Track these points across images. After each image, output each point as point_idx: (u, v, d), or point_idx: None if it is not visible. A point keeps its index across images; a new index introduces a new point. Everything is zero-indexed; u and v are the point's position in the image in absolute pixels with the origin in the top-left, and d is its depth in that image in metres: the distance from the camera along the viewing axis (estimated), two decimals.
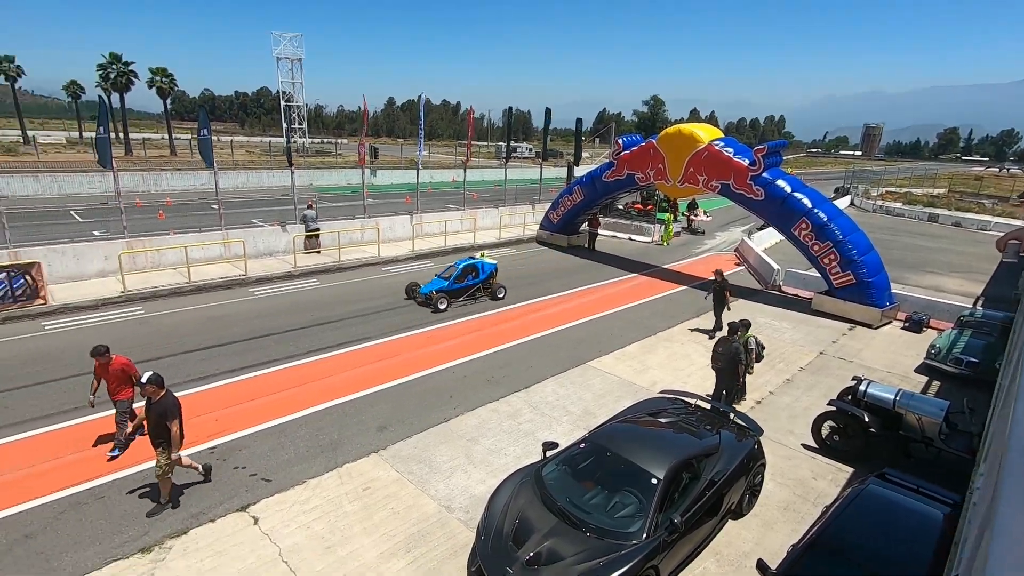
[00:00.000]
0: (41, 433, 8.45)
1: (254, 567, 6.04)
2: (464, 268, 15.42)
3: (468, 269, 15.50)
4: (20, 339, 11.95)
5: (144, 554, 6.14)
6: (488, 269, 15.87)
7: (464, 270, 15.40)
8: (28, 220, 21.96)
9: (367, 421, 9.19)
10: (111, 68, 52.03)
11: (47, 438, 8.35)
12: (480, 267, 15.72)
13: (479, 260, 15.91)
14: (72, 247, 15.62)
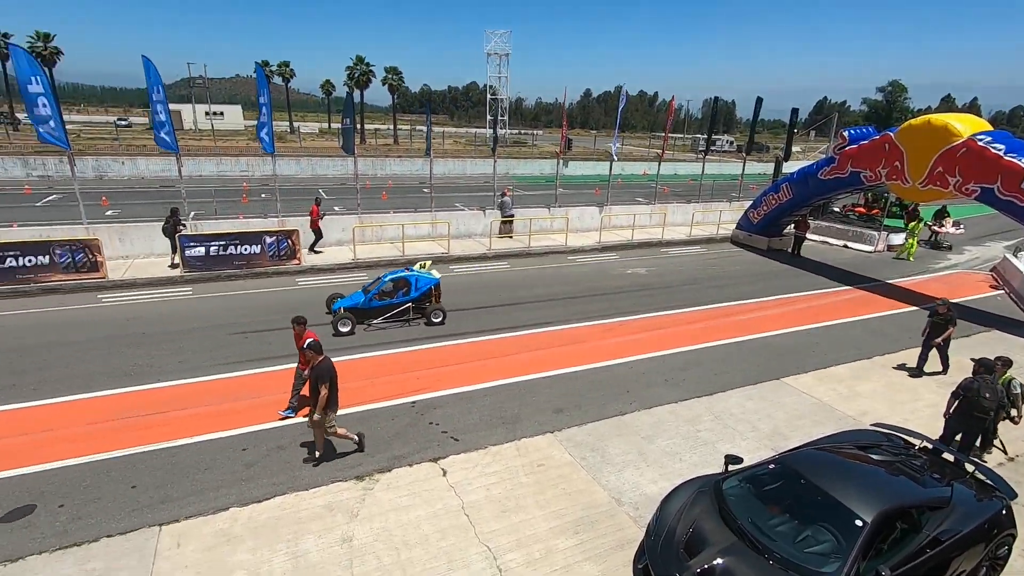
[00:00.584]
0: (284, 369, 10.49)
1: (440, 512, 6.77)
2: (393, 282, 12.54)
3: (399, 283, 12.56)
4: (276, 290, 14.88)
5: (358, 481, 7.28)
6: (425, 285, 12.65)
7: (393, 284, 12.55)
8: (290, 196, 27.08)
9: (544, 402, 9.60)
10: (356, 68, 61.00)
11: None
12: (413, 282, 12.58)
13: (415, 273, 12.77)
14: (294, 220, 18.87)
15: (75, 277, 14.18)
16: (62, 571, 5.72)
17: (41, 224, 16.94)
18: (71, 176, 16.53)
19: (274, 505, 6.80)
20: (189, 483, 7.18)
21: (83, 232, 15.19)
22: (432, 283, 12.79)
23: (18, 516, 6.50)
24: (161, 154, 34.12)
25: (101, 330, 11.78)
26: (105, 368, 10.12)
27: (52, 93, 14.60)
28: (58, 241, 14.19)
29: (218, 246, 15.41)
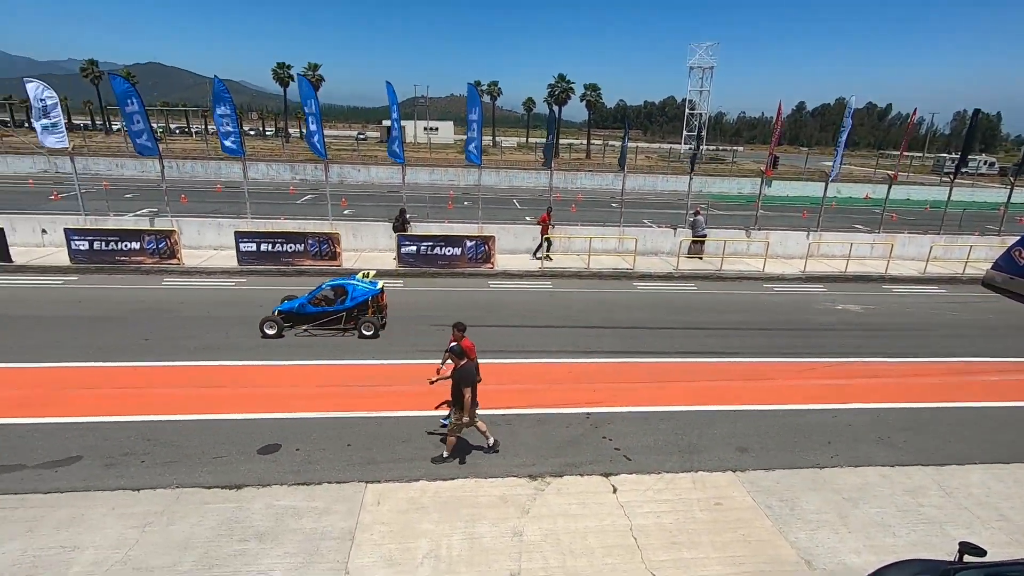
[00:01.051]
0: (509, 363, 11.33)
1: (608, 528, 6.73)
2: (332, 288, 12.40)
3: (337, 291, 12.35)
4: (471, 290, 16.19)
5: (531, 480, 7.60)
6: (361, 295, 12.23)
7: (332, 291, 12.36)
8: (489, 205, 29.31)
9: (727, 437, 8.95)
10: (557, 86, 63.73)
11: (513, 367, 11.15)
12: (350, 290, 12.25)
13: (353, 282, 12.46)
14: (513, 227, 20.14)
15: (320, 263, 17.18)
16: (295, 502, 6.97)
17: (299, 218, 20.85)
18: (324, 180, 20.05)
19: (456, 486, 7.43)
20: (390, 451, 8.20)
21: (328, 227, 18.33)
22: (370, 293, 12.39)
23: (269, 451, 8.10)
24: (389, 164, 39.62)
25: None
26: (331, 342, 12.07)
27: (319, 112, 17.92)
28: (311, 233, 17.34)
29: (427, 246, 17.37)
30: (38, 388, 9.59)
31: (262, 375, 10.44)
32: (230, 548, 6.19)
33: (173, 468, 7.59)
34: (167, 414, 8.88)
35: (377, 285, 12.55)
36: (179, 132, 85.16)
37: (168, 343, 11.59)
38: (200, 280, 16.15)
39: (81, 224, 17.23)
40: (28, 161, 38.29)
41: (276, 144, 66.84)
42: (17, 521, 6.46)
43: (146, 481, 7.29)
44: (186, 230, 18.25)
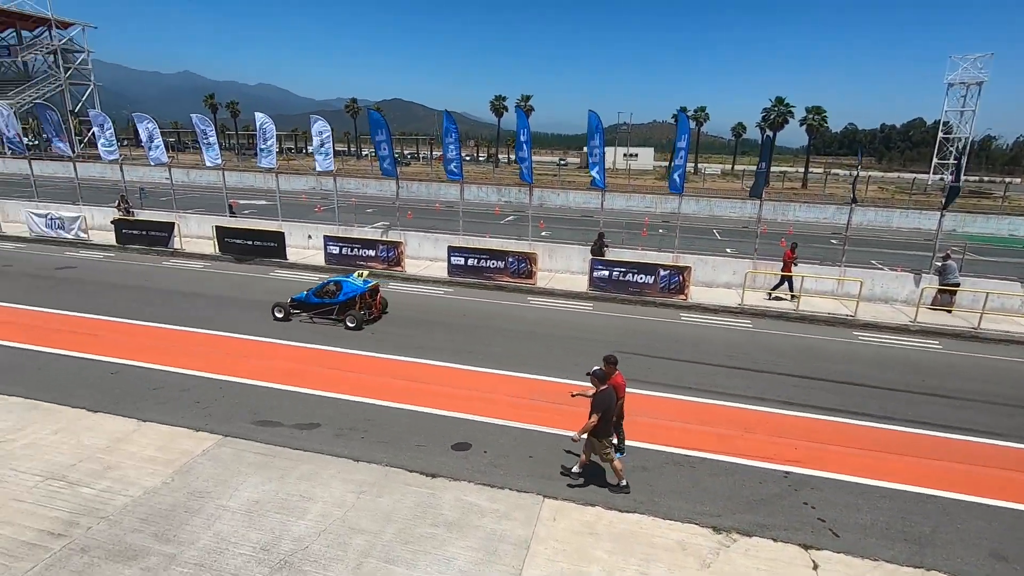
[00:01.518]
0: (698, 402, 10.92)
1: None
2: (334, 284, 14.28)
3: (338, 286, 14.14)
4: (660, 321, 15.69)
5: (715, 532, 7.04)
6: (351, 291, 13.93)
7: (334, 286, 14.21)
8: (686, 233, 28.19)
9: (974, 535, 7.21)
10: (773, 110, 58.95)
11: (701, 407, 10.72)
12: (344, 287, 14.03)
13: (347, 279, 14.31)
14: (712, 259, 19.06)
15: (516, 280, 18.32)
16: (479, 500, 7.49)
17: (501, 237, 22.50)
18: (527, 203, 21.37)
19: (632, 520, 7.23)
20: (594, 469, 8.34)
21: (527, 247, 19.47)
22: (359, 291, 13.99)
23: (461, 448, 8.84)
24: (586, 189, 40.68)
25: (525, 325, 14.86)
26: (521, 354, 12.72)
27: (529, 140, 19.23)
28: (511, 251, 18.61)
29: (619, 272, 17.37)
30: (294, 363, 11.87)
31: (461, 378, 11.46)
32: (423, 529, 6.88)
33: (384, 448, 8.73)
34: (383, 400, 10.27)
35: (367, 285, 14.26)
36: (410, 157, 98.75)
37: (386, 338, 13.41)
38: (416, 287, 18.40)
39: (335, 232, 20.97)
40: (302, 180, 47.93)
41: (487, 169, 73.38)
42: (274, 467, 8.05)
43: (364, 454, 8.50)
44: (410, 242, 20.99)
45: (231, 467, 8.00)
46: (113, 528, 6.71)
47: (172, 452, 8.32)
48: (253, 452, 8.40)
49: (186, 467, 7.97)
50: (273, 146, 21.49)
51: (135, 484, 7.56)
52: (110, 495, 7.32)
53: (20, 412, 9.37)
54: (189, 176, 46.50)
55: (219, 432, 8.91)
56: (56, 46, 68.99)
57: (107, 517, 6.90)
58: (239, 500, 7.29)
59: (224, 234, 21.14)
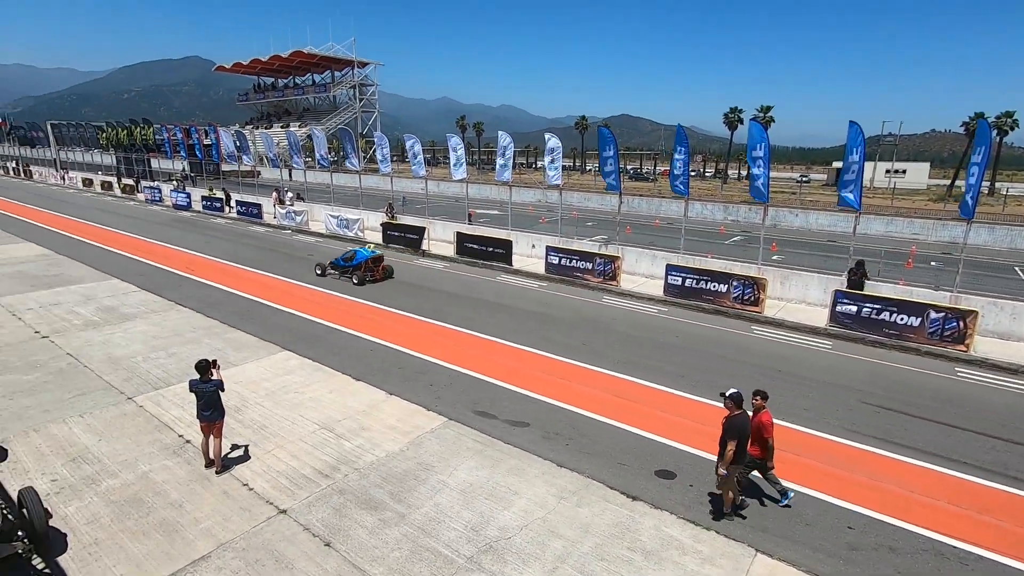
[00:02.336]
0: (953, 474, 8.90)
1: None
2: (351, 252, 20.14)
3: (352, 254, 19.94)
4: (928, 373, 12.83)
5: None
6: (360, 258, 19.60)
7: (351, 254, 19.98)
8: (973, 268, 22.66)
9: None
10: None
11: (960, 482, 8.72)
12: (357, 255, 19.80)
13: (360, 249, 20.20)
14: (1012, 304, 14.96)
15: (740, 307, 16.88)
16: (681, 536, 7.06)
17: (725, 258, 20.98)
18: (760, 223, 19.56)
19: None
20: (788, 527, 7.35)
21: (755, 271, 17.81)
22: (364, 258, 19.51)
23: (665, 476, 8.46)
24: (832, 210, 35.59)
25: (748, 356, 13.59)
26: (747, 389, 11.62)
27: (767, 156, 17.56)
28: (736, 275, 17.22)
29: (872, 309, 14.75)
30: (514, 361, 12.76)
31: (671, 402, 10.99)
32: (619, 550, 6.76)
33: (588, 459, 8.83)
34: (591, 411, 10.39)
35: (372, 254, 19.84)
36: (632, 172, 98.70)
37: (599, 351, 13.55)
38: (630, 302, 18.24)
39: (556, 243, 22.01)
40: (531, 193, 51.46)
41: (713, 185, 69.33)
42: (487, 456, 8.76)
43: (567, 460, 8.71)
44: (627, 257, 20.92)
45: (452, 448, 8.94)
46: (362, 479, 8.05)
47: (408, 425, 9.65)
48: (471, 439, 9.26)
49: (418, 440, 9.15)
50: (510, 161, 23.52)
51: (380, 446, 8.95)
52: (362, 451, 8.80)
53: (309, 371, 11.87)
54: (439, 187, 53.62)
55: (445, 415, 10.04)
56: (356, 82, 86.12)
57: (359, 469, 8.31)
58: (457, 479, 8.10)
59: (462, 239, 23.83)
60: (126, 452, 8.65)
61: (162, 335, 13.83)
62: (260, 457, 8.58)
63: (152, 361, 12.20)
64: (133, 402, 10.32)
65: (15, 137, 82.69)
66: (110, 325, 14.50)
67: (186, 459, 8.48)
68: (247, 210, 34.41)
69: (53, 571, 6.28)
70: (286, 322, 15.23)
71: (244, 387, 10.88)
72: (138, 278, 19.23)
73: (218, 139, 37.36)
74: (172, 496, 7.60)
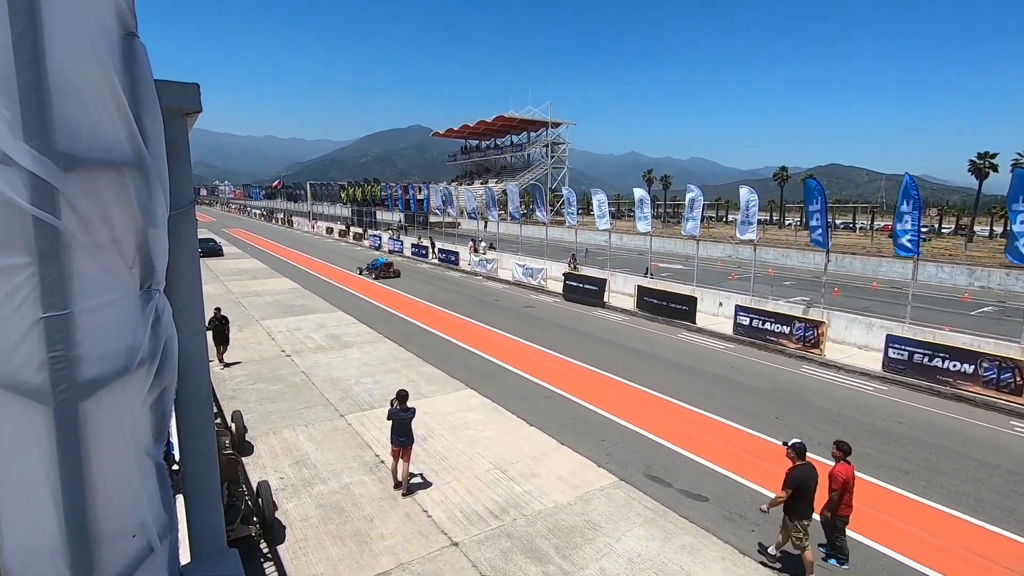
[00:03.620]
0: None
1: None
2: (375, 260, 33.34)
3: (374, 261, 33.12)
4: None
5: None
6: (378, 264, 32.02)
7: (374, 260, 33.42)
8: None
9: None
10: None
11: None
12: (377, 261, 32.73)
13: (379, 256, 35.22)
14: None
15: (992, 393, 13.54)
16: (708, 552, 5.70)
17: (971, 333, 17.16)
18: (1022, 291, 15.72)
19: None
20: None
21: (1018, 351, 14.22)
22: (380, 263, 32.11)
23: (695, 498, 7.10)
24: None
25: (1002, 459, 10.74)
26: (1005, 503, 9.17)
27: None
28: (987, 354, 13.95)
29: None
30: (690, 426, 11.88)
31: (888, 501, 9.13)
32: None
33: None
34: None
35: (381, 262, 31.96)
36: (843, 227, 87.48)
37: (794, 427, 11.92)
38: (836, 375, 15.86)
39: (747, 303, 20.29)
40: (719, 248, 48.66)
41: (954, 243, 57.97)
42: (658, 526, 8.17)
43: (750, 549, 7.70)
44: (834, 323, 18.36)
45: (622, 511, 8.54)
46: (529, 527, 8.09)
47: (577, 478, 9.50)
48: (643, 504, 8.75)
49: (587, 496, 8.94)
50: (698, 214, 22.64)
51: (548, 495, 8.94)
52: (531, 497, 8.88)
53: (488, 411, 12.50)
54: (622, 240, 53.72)
55: (616, 474, 9.68)
56: (549, 141, 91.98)
57: (527, 515, 8.37)
58: (624, 545, 7.68)
59: (643, 293, 23.34)
60: (335, 462, 9.95)
61: (371, 363, 15.86)
62: (439, 486, 9.18)
63: (362, 385, 14.02)
64: (344, 419, 11.91)
65: (285, 195, 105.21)
66: (334, 350, 17.10)
67: (379, 477, 9.45)
68: (446, 257, 38.36)
69: (273, 557, 7.40)
70: (471, 361, 16.35)
71: (431, 418, 11.85)
72: (358, 312, 22.50)
73: (428, 195, 42.72)
74: (366, 509, 8.49)
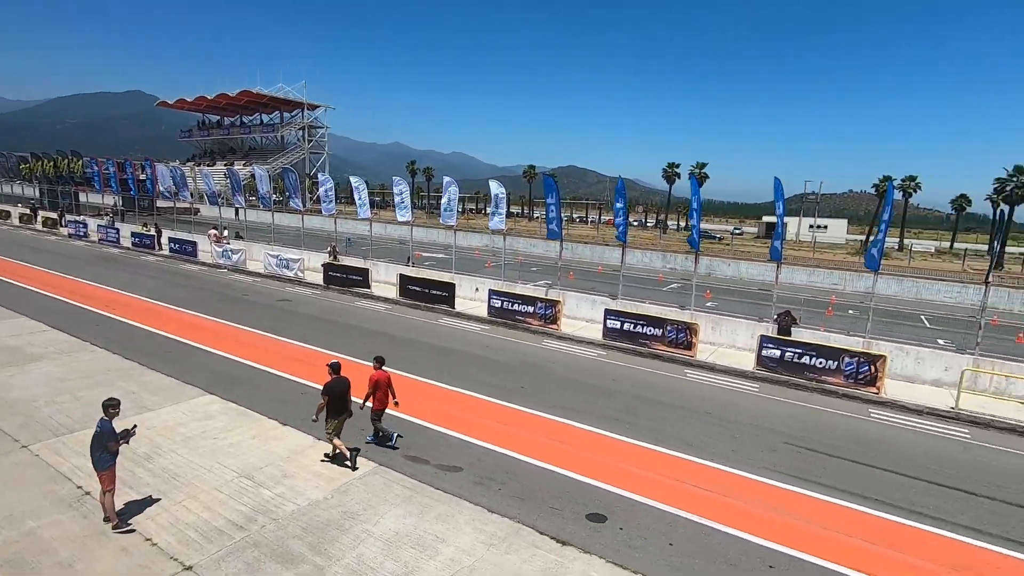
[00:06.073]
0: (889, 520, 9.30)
1: None
2: None
3: None
4: (845, 415, 13.55)
5: None
6: None
7: None
8: (883, 317, 24.44)
9: None
10: (1010, 180, 49.71)
11: (893, 527, 9.11)
12: None
13: None
14: (916, 350, 16.18)
15: (674, 350, 17.43)
16: (460, 517, 7.01)
17: (662, 304, 21.75)
18: (692, 271, 20.52)
19: None
20: (715, 570, 7.43)
21: (688, 316, 18.52)
22: None
23: (595, 520, 8.43)
24: (761, 260, 37.76)
25: (680, 399, 13.96)
26: (674, 431, 11.90)
27: (699, 208, 18.63)
28: (671, 320, 17.85)
29: (793, 353, 15.58)
30: (449, 405, 12.56)
31: (605, 445, 11.07)
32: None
33: (519, 503, 8.70)
34: (525, 455, 10.31)
35: None
36: (579, 221, 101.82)
37: (537, 395, 13.56)
38: (570, 346, 18.49)
39: (499, 287, 22.20)
40: (478, 237, 52.03)
41: (654, 235, 72.40)
42: (415, 503, 8.47)
43: (498, 505, 8.55)
44: (568, 302, 21.31)
45: (380, 495, 8.61)
46: (280, 530, 7.59)
47: (335, 471, 9.25)
48: (401, 485, 8.96)
49: (344, 487, 8.77)
50: (455, 204, 23.81)
51: (302, 495, 8.51)
52: (282, 500, 8.34)
53: (232, 416, 11.25)
54: (386, 230, 53.37)
55: (375, 460, 9.70)
56: (305, 123, 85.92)
57: (278, 519, 7.84)
58: (382, 528, 7.77)
59: (406, 281, 23.66)
60: (17, 506, 7.83)
61: (70, 377, 12.81)
62: (168, 508, 7.97)
63: (55, 406, 11.24)
64: (28, 450, 9.43)
65: None
66: (11, 366, 13.33)
67: (82, 513, 7.76)
68: (181, 248, 32.99)
69: None
70: (212, 364, 14.48)
71: (157, 433, 10.16)
72: (51, 316, 17.89)
73: (154, 174, 36.07)
74: (62, 555, 6.90)
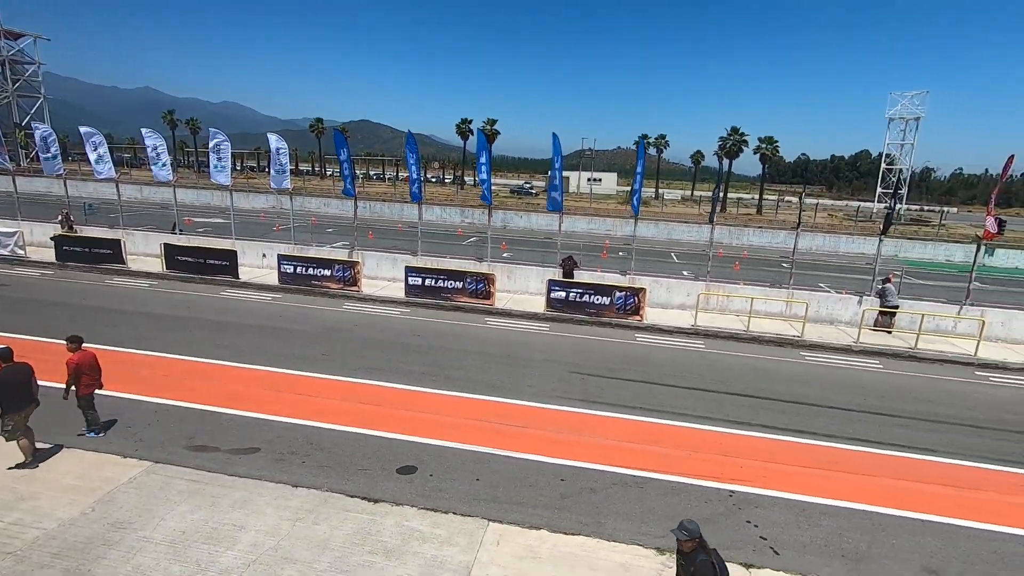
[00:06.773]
0: (648, 422, 10.94)
1: None
2: None
3: None
4: (615, 341, 15.83)
5: (659, 553, 7.00)
6: None
7: None
8: (644, 256, 28.75)
9: (910, 551, 7.40)
10: (729, 139, 61.35)
11: (651, 427, 10.74)
12: None
13: None
14: (667, 281, 19.44)
15: (475, 301, 18.24)
16: (421, 525, 7.26)
17: (462, 258, 22.47)
18: (487, 224, 21.46)
19: (576, 542, 7.13)
20: (515, 492, 8.20)
21: (485, 268, 19.45)
22: None
23: (406, 472, 8.61)
24: (549, 212, 41.18)
25: (481, 346, 14.76)
26: (478, 376, 12.60)
27: (489, 163, 19.36)
28: (470, 272, 18.56)
29: (576, 293, 17.51)
30: (239, 385, 11.42)
31: (412, 399, 11.23)
32: (360, 558, 6.62)
33: (326, 472, 8.43)
34: (329, 422, 9.95)
35: None
36: (376, 178, 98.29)
37: (340, 359, 13.09)
38: (373, 307, 18.11)
39: (290, 251, 20.52)
40: (262, 198, 47.00)
41: (451, 190, 73.64)
42: (205, 495, 7.65)
43: (303, 479, 8.18)
44: (368, 262, 20.71)
45: (158, 496, 7.56)
46: (19, 564, 6.21)
47: (94, 481, 7.82)
48: (184, 479, 7.97)
49: (108, 496, 7.49)
50: (227, 163, 20.99)
51: (49, 516, 7.04)
52: (20, 528, 6.80)
53: None
54: (142, 192, 45.04)
55: (149, 458, 8.44)
56: (4, 57, 66.51)
57: (13, 553, 6.39)
58: (164, 531, 6.87)
59: (173, 251, 20.43)
60: None
61: None
62: None
63: None
64: None
65: None
66: None
67: None
68: None
69: None
70: None
71: None
72: None
73: None
74: None
